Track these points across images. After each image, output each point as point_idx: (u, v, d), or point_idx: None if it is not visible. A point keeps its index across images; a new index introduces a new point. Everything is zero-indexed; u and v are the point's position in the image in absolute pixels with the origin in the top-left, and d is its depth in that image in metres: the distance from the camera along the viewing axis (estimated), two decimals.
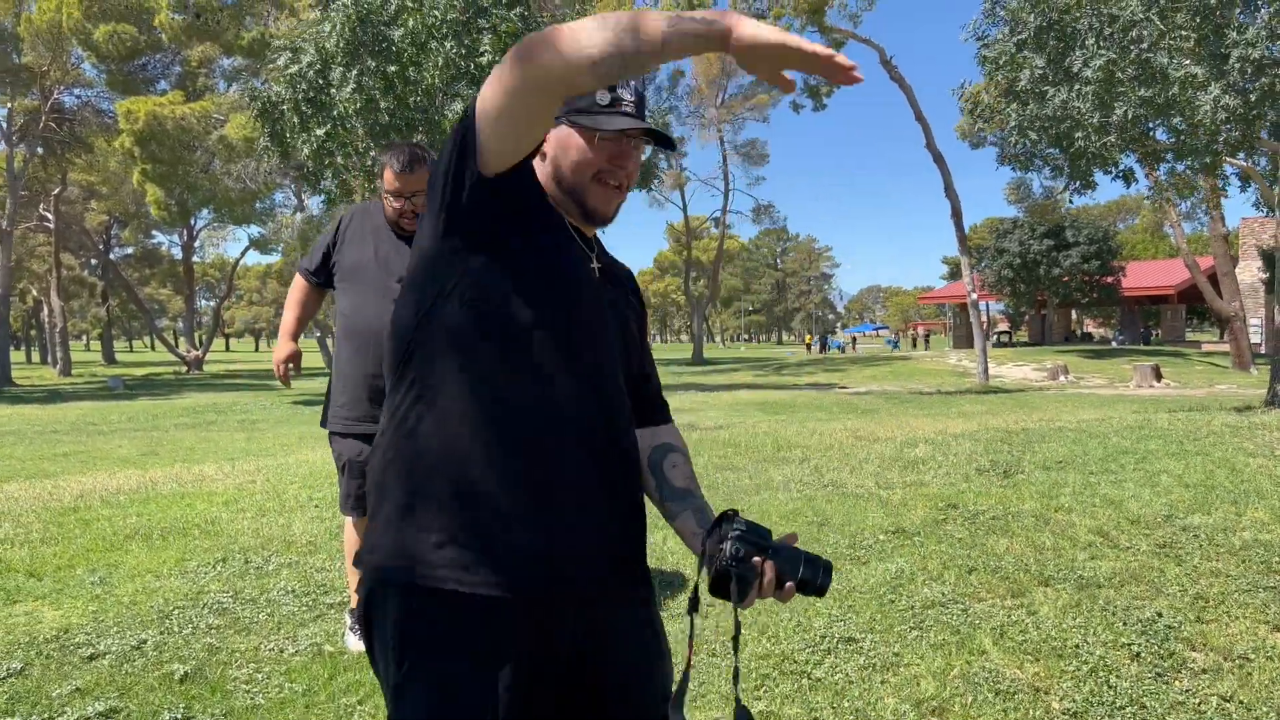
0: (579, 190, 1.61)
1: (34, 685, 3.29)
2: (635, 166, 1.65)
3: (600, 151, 1.59)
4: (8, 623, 3.97)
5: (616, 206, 1.65)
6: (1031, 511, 4.83)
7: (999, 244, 43.59)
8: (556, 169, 1.61)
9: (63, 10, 31.44)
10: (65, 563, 4.80)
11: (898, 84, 27.41)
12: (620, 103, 1.58)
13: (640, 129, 1.60)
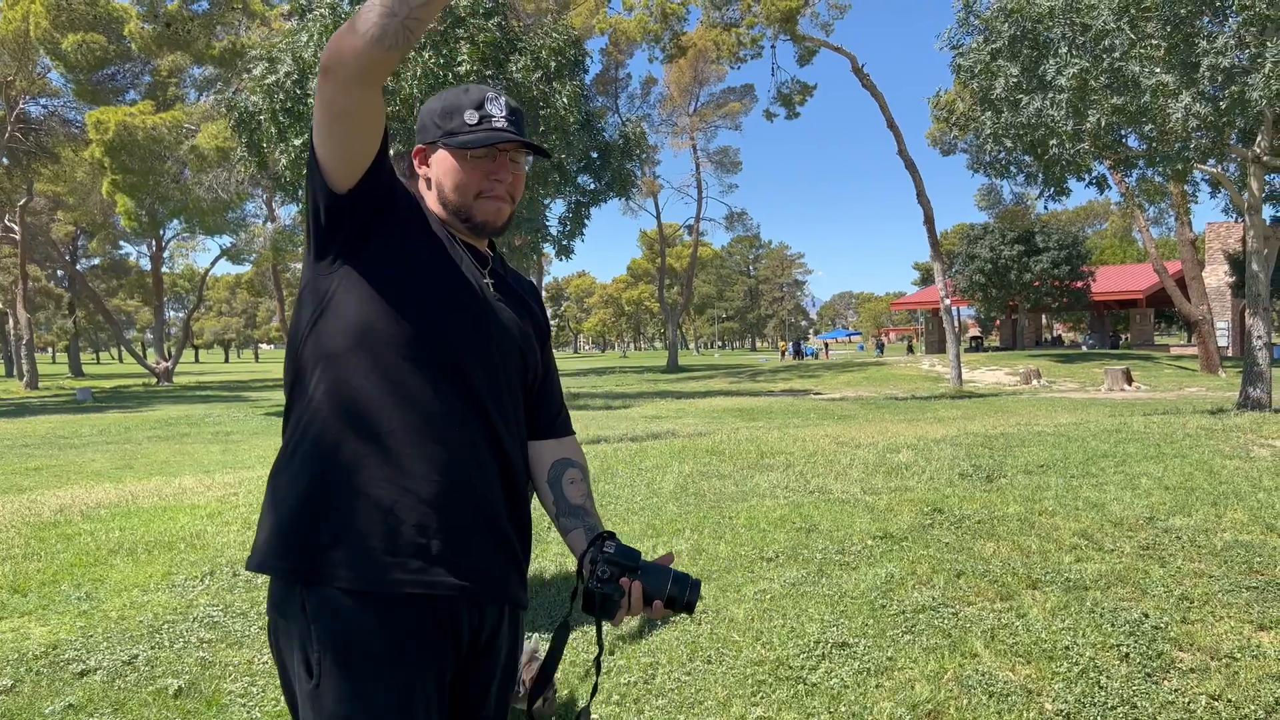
0: (464, 209, 1.68)
1: (26, 702, 3.26)
2: (515, 178, 1.71)
3: (475, 170, 1.67)
4: None
5: (506, 216, 1.72)
6: (1016, 515, 4.88)
7: (970, 250, 43.97)
8: (440, 192, 1.70)
9: (29, 20, 31.07)
10: (49, 578, 4.74)
11: (869, 91, 27.66)
12: (489, 119, 1.66)
13: (510, 142, 1.67)
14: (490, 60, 11.95)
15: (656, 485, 6.29)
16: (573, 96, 12.41)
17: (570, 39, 13.05)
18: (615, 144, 14.62)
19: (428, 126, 1.72)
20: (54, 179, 40.77)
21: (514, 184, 1.71)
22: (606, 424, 14.63)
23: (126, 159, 28.64)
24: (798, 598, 3.93)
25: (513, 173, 1.70)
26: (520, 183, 1.74)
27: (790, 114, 30.41)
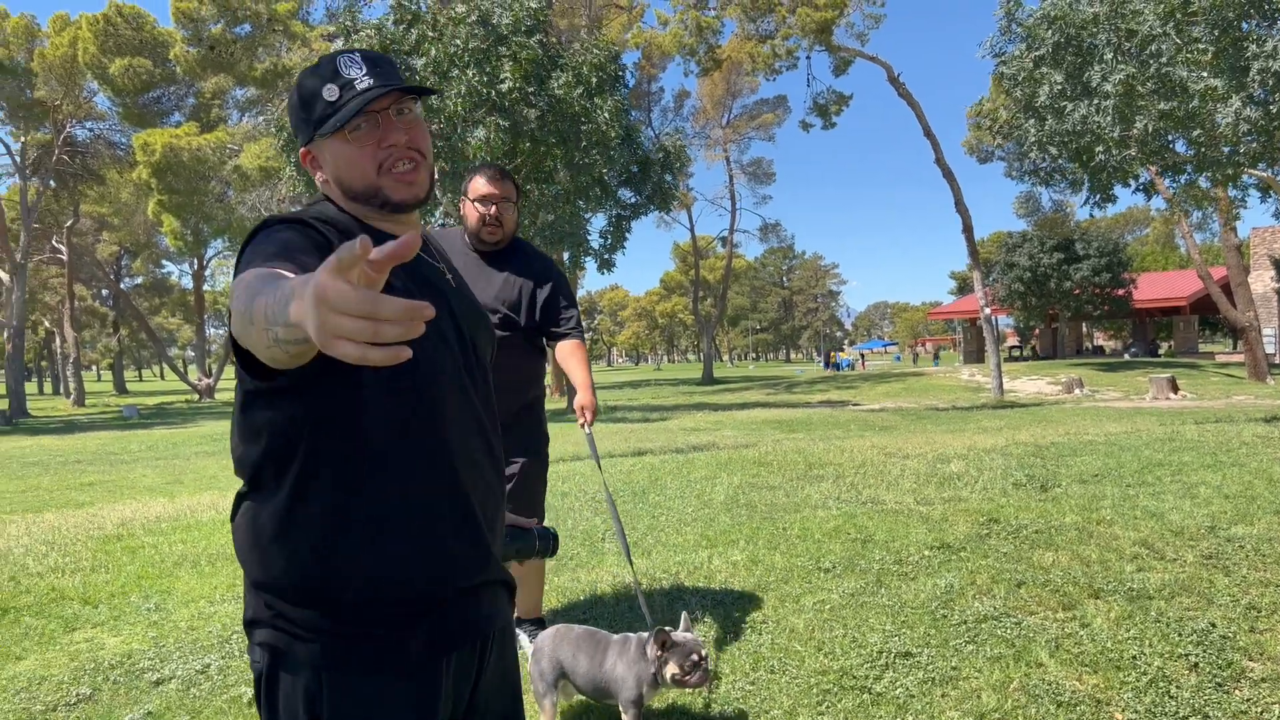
0: (375, 192, 1.49)
1: (105, 710, 3.35)
2: (413, 131, 1.50)
3: (365, 144, 1.47)
4: (70, 649, 4.03)
5: (423, 181, 1.52)
6: (1073, 524, 4.85)
7: (1008, 258, 43.59)
8: (342, 185, 1.51)
9: (77, 45, 31.83)
10: (118, 590, 4.86)
11: (905, 100, 27.57)
12: (350, 85, 1.45)
13: (386, 94, 1.45)
14: (532, 77, 12.08)
15: (707, 496, 6.31)
16: (614, 111, 12.52)
17: (611, 54, 13.17)
18: (655, 157, 14.71)
19: (298, 127, 1.53)
20: (99, 200, 41.70)
21: (413, 139, 1.50)
22: (646, 436, 14.65)
23: (172, 180, 29.22)
24: (857, 608, 3.93)
25: (406, 129, 1.49)
26: (420, 133, 1.52)
27: (826, 124, 30.37)
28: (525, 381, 3.67)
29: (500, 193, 3.56)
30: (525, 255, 3.71)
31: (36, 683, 3.62)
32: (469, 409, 1.57)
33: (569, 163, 12.88)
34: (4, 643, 4.15)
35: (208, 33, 32.33)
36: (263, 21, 32.82)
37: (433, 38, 12.05)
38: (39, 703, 3.43)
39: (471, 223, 3.62)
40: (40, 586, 5.02)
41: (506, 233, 3.63)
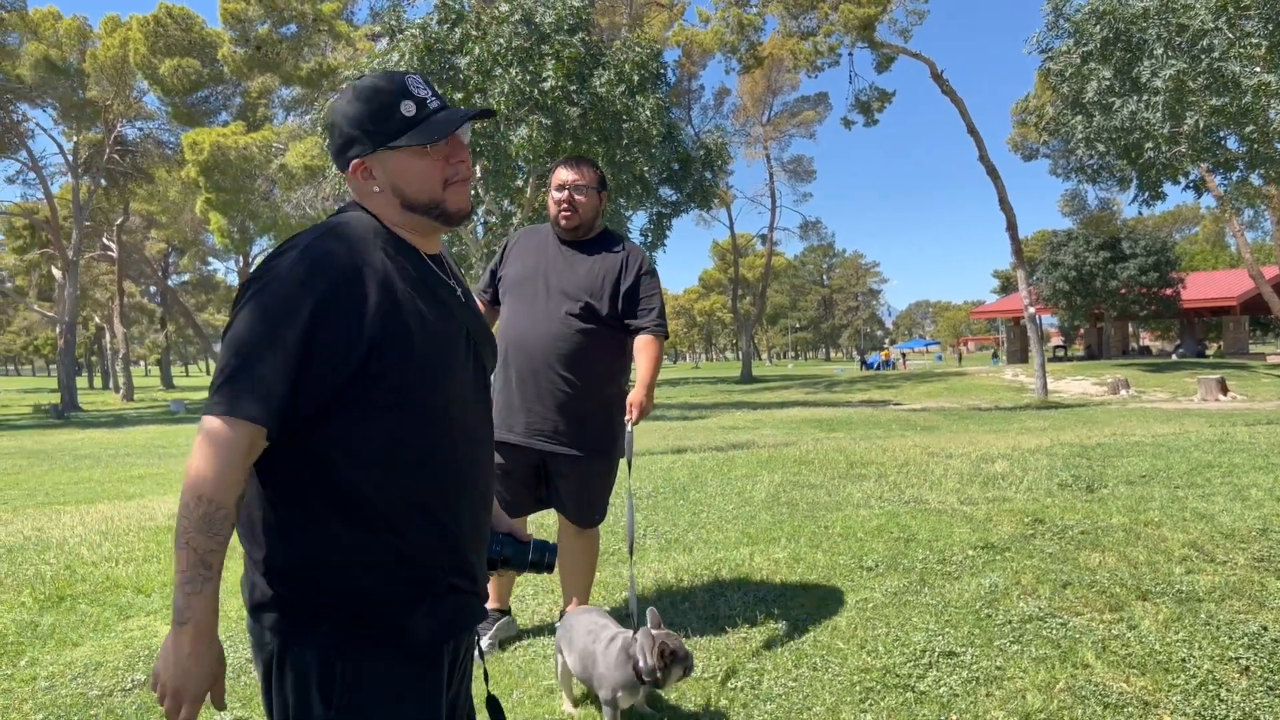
0: (436, 204, 1.61)
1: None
2: (466, 151, 1.67)
3: (437, 159, 1.59)
4: (125, 637, 4.13)
5: (470, 197, 1.69)
6: (1120, 526, 4.79)
7: (1053, 256, 43.00)
8: (404, 196, 1.60)
9: (128, 46, 32.45)
10: (169, 579, 4.95)
11: (949, 97, 27.29)
12: (425, 104, 1.57)
13: (473, 117, 1.62)
14: (574, 75, 12.14)
15: (748, 494, 6.31)
16: (655, 109, 12.54)
17: (652, 52, 13.20)
18: (696, 155, 14.71)
19: (359, 137, 1.59)
20: (148, 199, 42.52)
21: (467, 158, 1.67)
22: (686, 434, 14.67)
23: (219, 178, 29.72)
24: (900, 606, 3.91)
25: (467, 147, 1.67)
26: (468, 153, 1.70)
27: (868, 121, 30.17)
28: (604, 376, 3.64)
29: (573, 179, 3.59)
30: (611, 244, 3.71)
31: (93, 668, 3.72)
32: (474, 416, 1.68)
33: (610, 161, 12.92)
34: (62, 629, 4.27)
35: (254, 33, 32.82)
36: (308, 21, 33.25)
37: (476, 36, 12.15)
38: (95, 688, 3.52)
39: (551, 212, 3.68)
40: (95, 575, 5.14)
41: (584, 219, 3.64)
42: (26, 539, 6.37)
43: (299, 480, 1.50)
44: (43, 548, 5.95)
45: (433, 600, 1.55)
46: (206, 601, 1.38)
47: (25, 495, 10.58)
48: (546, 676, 3.46)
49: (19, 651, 3.99)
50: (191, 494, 1.37)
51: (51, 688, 3.55)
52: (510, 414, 3.61)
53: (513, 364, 3.63)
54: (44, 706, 3.37)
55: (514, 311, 3.68)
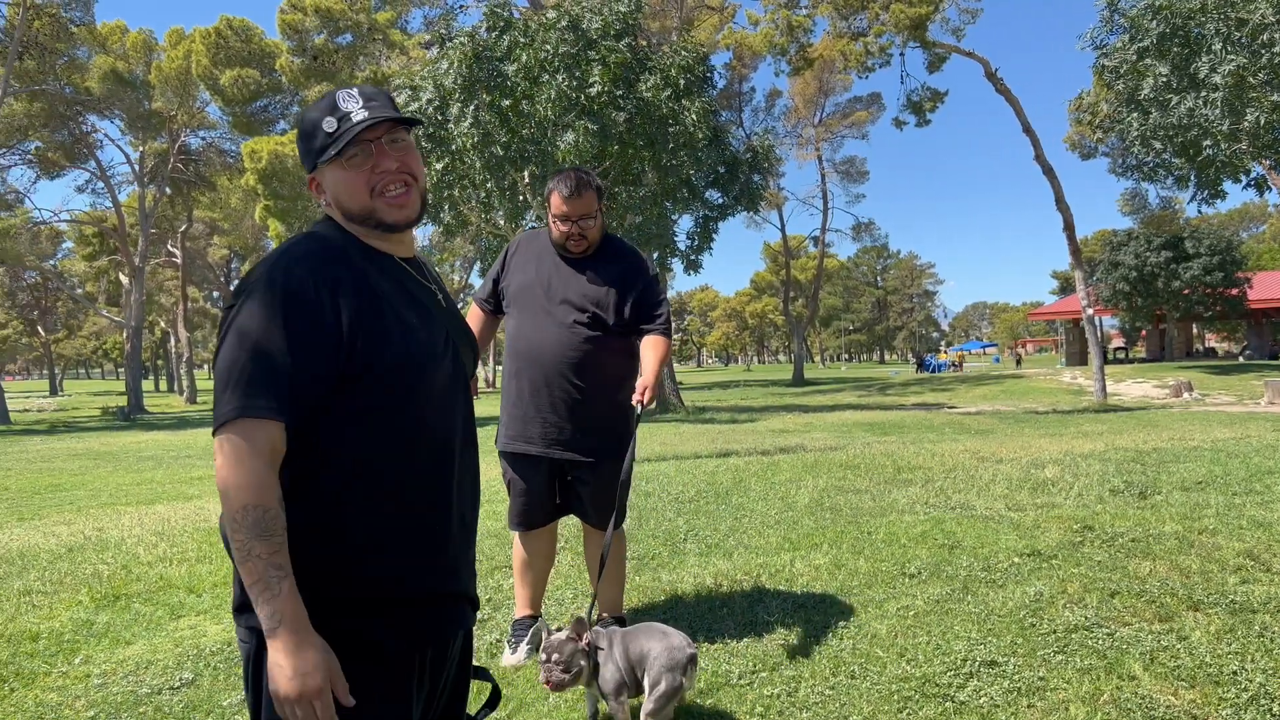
0: (369, 214, 1.62)
1: (205, 695, 3.50)
2: (405, 157, 1.64)
3: (358, 171, 1.60)
4: (175, 635, 4.23)
5: (414, 204, 1.65)
6: (1173, 533, 4.67)
7: (1113, 257, 42.06)
8: (341, 208, 1.64)
9: (191, 58, 33.27)
10: (221, 580, 5.07)
11: (1004, 96, 26.85)
12: (347, 117, 1.58)
13: (376, 124, 1.58)
14: (621, 80, 12.18)
15: (791, 499, 6.27)
16: (701, 113, 12.53)
17: (699, 56, 13.19)
18: (743, 158, 14.66)
19: (304, 156, 1.68)
20: (211, 206, 43.49)
21: (405, 164, 1.63)
22: (733, 437, 14.61)
23: (277, 185, 30.31)
24: (942, 615, 3.86)
25: (397, 156, 1.62)
26: (412, 159, 1.66)
27: (920, 121, 29.81)
28: (615, 381, 3.64)
29: (575, 211, 3.54)
30: (613, 254, 3.69)
31: (144, 666, 3.81)
32: (458, 422, 1.70)
33: (656, 165, 12.92)
34: (116, 628, 4.38)
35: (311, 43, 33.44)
36: (363, 31, 33.79)
37: (524, 43, 12.25)
38: (145, 685, 3.60)
39: (555, 236, 3.64)
40: (150, 575, 5.27)
41: (592, 242, 3.62)
42: (87, 539, 6.56)
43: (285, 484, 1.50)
44: (102, 547, 6.12)
45: (406, 610, 1.57)
46: (288, 599, 1.40)
47: (90, 495, 10.88)
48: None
49: (74, 649, 4.10)
50: (236, 507, 1.39)
51: (104, 685, 3.65)
52: (526, 425, 3.63)
53: (524, 375, 3.64)
54: (96, 704, 3.46)
55: (520, 323, 3.68)
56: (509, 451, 3.69)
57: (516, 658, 3.72)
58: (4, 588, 5.18)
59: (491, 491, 7.05)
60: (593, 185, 3.61)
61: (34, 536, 6.99)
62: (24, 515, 9.06)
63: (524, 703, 3.33)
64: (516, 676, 3.56)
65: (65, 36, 32.26)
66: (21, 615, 4.62)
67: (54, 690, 3.63)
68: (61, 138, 36.46)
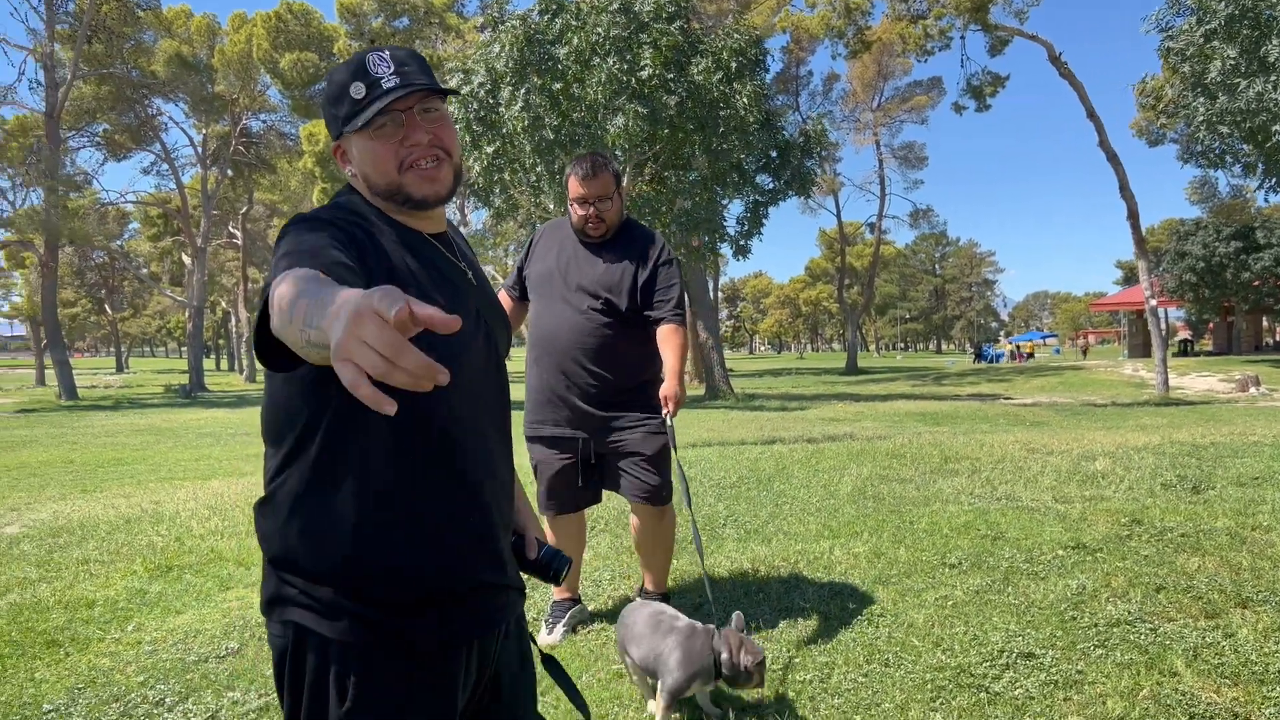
0: (396, 189, 1.51)
1: (249, 664, 3.59)
2: (438, 129, 1.52)
3: (387, 143, 1.49)
4: (223, 607, 4.34)
5: (445, 179, 1.54)
6: (1225, 529, 4.56)
7: (1180, 247, 40.98)
8: (368, 181, 1.53)
9: (252, 42, 33.83)
10: None
11: (1068, 81, 26.22)
12: (377, 84, 1.46)
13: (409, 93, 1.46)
14: (672, 63, 12.13)
15: (833, 487, 6.23)
16: (753, 96, 12.43)
17: (751, 39, 13.08)
18: (795, 142, 14.52)
19: (328, 122, 1.56)
20: (271, 188, 44.27)
21: (438, 137, 1.51)
22: (782, 425, 14.54)
23: (335, 168, 30.70)
24: (981, 605, 3.82)
25: (429, 128, 1.51)
26: (445, 132, 1.53)
27: (980, 106, 29.23)
28: (635, 367, 3.65)
29: (592, 193, 3.54)
30: (630, 238, 3.69)
31: (192, 635, 3.92)
32: (492, 403, 1.61)
33: (707, 149, 12.84)
34: (167, 597, 4.51)
35: (369, 27, 33.79)
36: (420, 15, 34.06)
37: (575, 26, 12.24)
38: (193, 653, 3.71)
39: (574, 220, 3.66)
40: (201, 548, 5.42)
41: (611, 225, 3.63)
42: (144, 511, 6.75)
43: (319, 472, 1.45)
44: (157, 520, 6.30)
45: (451, 604, 1.50)
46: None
47: (150, 470, 11.19)
48: (617, 660, 3.50)
49: (127, 617, 4.24)
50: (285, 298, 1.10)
51: (154, 651, 3.76)
52: (549, 410, 3.67)
53: (543, 362, 3.67)
54: (146, 669, 3.57)
55: (538, 310, 3.72)
56: (535, 436, 3.73)
57: (553, 638, 3.77)
58: (64, 556, 5.37)
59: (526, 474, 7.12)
60: (609, 168, 3.60)
61: (95, 508, 7.22)
62: (87, 488, 9.35)
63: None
64: (555, 654, 3.60)
65: (132, 20, 32.98)
66: (79, 583, 4.78)
67: (107, 655, 3.75)
68: (128, 120, 37.33)
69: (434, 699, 1.48)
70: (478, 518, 1.55)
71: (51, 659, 3.73)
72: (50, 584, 4.78)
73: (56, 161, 30.92)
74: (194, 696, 3.31)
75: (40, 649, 3.84)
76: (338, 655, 1.43)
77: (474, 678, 1.58)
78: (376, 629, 1.44)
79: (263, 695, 3.28)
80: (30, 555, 5.44)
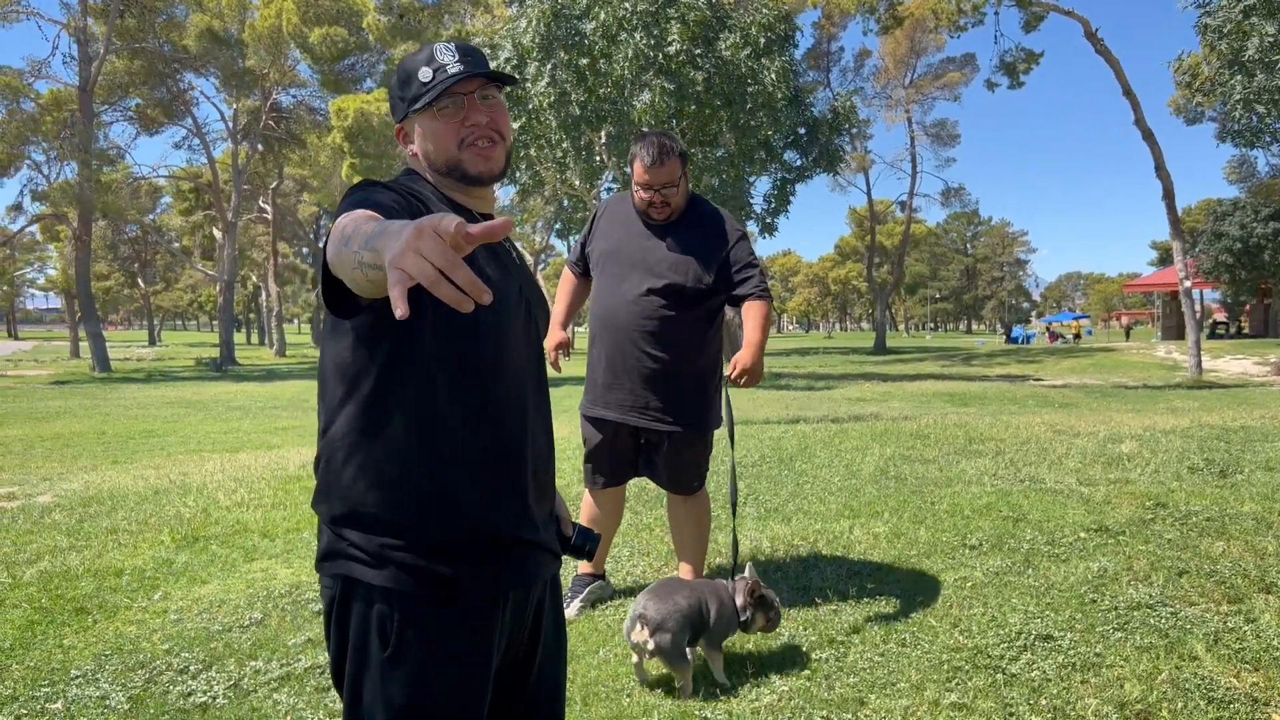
0: (455, 165, 1.65)
1: (272, 634, 3.65)
2: (494, 114, 1.67)
3: (449, 122, 1.63)
4: (248, 578, 4.40)
5: (499, 159, 1.68)
6: (1251, 514, 4.51)
7: (1217, 227, 40.25)
8: (428, 158, 1.68)
9: (282, 16, 33.90)
10: (293, 526, 5.26)
11: (1104, 57, 25.72)
12: (443, 69, 1.61)
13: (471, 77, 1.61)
14: (699, 39, 12.02)
15: (855, 467, 6.21)
16: (781, 72, 12.30)
17: (780, 14, 12.92)
18: (824, 119, 14.37)
19: (395, 105, 1.72)
20: (301, 163, 44.42)
21: (494, 120, 1.67)
22: (807, 404, 14.49)
23: (363, 143, 30.84)
24: (1000, 587, 3.80)
25: (488, 112, 1.66)
26: (501, 117, 1.70)
27: (1014, 84, 28.72)
28: (692, 350, 3.60)
29: (658, 180, 3.49)
30: (695, 219, 3.63)
31: (217, 605, 3.99)
32: (531, 376, 1.72)
33: (734, 125, 12.73)
34: (193, 568, 4.58)
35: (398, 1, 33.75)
36: None
37: (603, 1, 12.15)
38: (218, 623, 3.77)
39: (637, 203, 3.62)
40: (227, 519, 5.49)
41: (677, 208, 3.58)
42: (172, 483, 6.85)
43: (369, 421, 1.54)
44: (185, 491, 6.39)
45: (486, 554, 1.59)
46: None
47: (179, 442, 11.35)
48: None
49: (154, 586, 4.31)
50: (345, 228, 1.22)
51: (180, 620, 3.83)
52: (606, 391, 3.65)
53: (601, 343, 3.66)
54: (170, 637, 3.63)
55: (600, 289, 3.69)
56: (588, 415, 3.74)
57: (570, 612, 3.79)
58: (93, 526, 5.46)
59: (562, 451, 7.16)
60: (676, 152, 3.53)
61: (124, 479, 7.33)
62: (117, 459, 9.50)
63: (574, 654, 3.39)
64: (569, 630, 3.63)
65: None
66: (108, 552, 4.87)
67: (133, 624, 3.82)
68: (160, 95, 37.58)
69: (472, 648, 1.57)
70: (518, 474, 1.65)
71: (80, 626, 3.80)
72: (80, 553, 4.87)
73: (90, 135, 31.22)
74: (217, 665, 3.36)
75: (69, 616, 3.91)
76: (382, 601, 1.52)
77: (508, 633, 1.66)
78: (422, 575, 1.52)
79: (284, 665, 3.33)
80: (61, 524, 5.54)
